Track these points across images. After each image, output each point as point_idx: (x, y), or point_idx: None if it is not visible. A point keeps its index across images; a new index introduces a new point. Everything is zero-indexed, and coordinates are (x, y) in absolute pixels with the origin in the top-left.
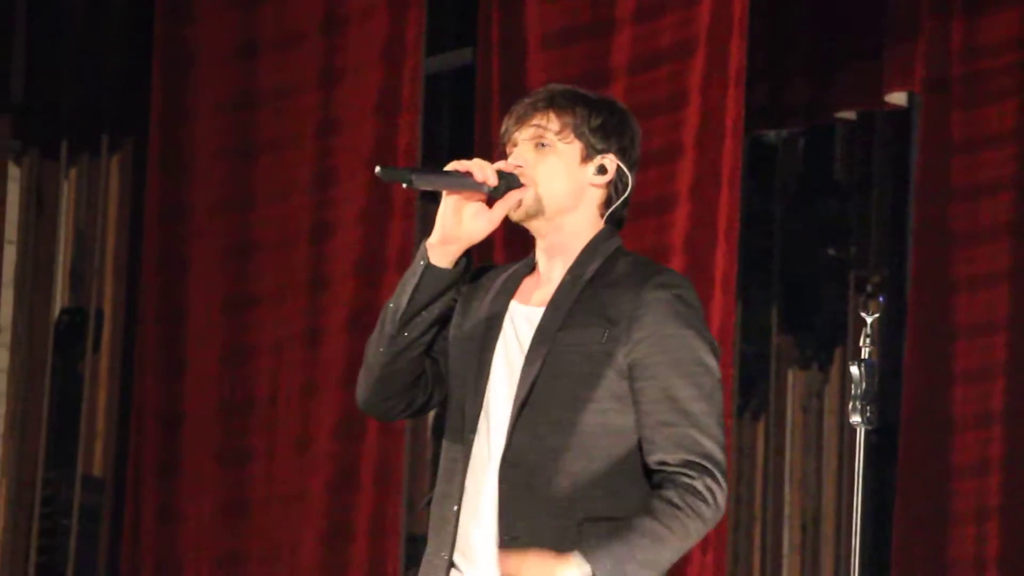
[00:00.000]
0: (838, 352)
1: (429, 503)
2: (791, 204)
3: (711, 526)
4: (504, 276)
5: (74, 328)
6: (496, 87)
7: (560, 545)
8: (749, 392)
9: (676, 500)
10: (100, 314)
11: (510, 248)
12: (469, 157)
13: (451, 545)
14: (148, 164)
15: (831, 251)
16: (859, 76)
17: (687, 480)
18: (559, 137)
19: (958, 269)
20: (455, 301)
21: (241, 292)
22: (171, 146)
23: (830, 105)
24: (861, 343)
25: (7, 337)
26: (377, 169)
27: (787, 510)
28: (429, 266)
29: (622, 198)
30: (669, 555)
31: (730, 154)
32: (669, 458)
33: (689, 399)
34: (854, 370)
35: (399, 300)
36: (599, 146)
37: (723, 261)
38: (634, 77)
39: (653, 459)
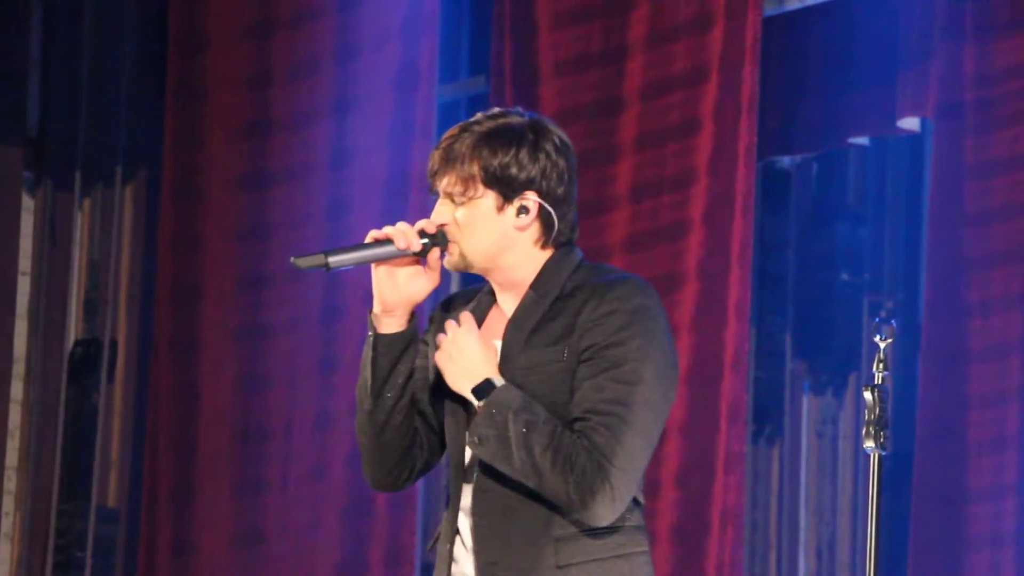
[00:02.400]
0: (852, 377)
1: (436, 543)
2: (804, 229)
3: (571, 501)
4: (469, 310)
5: (88, 359)
6: None
7: (539, 566)
8: (764, 418)
9: (584, 451)
10: (114, 344)
11: None
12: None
13: (447, 570)
14: (161, 194)
15: (844, 276)
16: (872, 102)
17: (589, 457)
18: (468, 195)
19: (971, 294)
20: (417, 354)
21: (254, 321)
22: (184, 176)
23: (843, 131)
24: (875, 368)
25: (21, 368)
26: (291, 260)
27: (802, 536)
28: (378, 336)
29: (556, 227)
30: (533, 456)
31: (743, 180)
32: (585, 423)
33: (615, 402)
34: (868, 395)
35: (364, 375)
36: (514, 187)
37: (737, 287)
38: (647, 104)
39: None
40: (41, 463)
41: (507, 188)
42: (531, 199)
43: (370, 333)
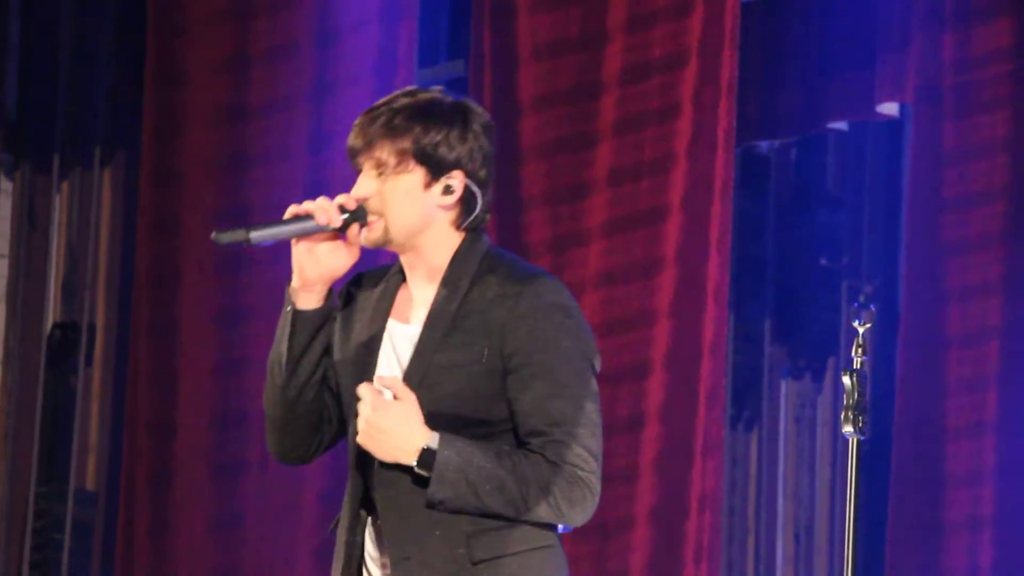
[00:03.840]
0: (831, 362)
1: (336, 528)
2: (783, 214)
3: (561, 516)
4: (378, 291)
5: (66, 342)
6: (488, 99)
7: (454, 562)
8: (741, 402)
9: (545, 465)
10: (92, 328)
11: None
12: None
13: (358, 563)
14: (140, 177)
15: (823, 261)
16: (851, 87)
17: (549, 461)
18: (398, 169)
19: (950, 279)
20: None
21: (234, 305)
22: (163, 159)
23: (822, 116)
24: (853, 353)
25: None
26: (212, 234)
27: (780, 520)
28: (297, 312)
29: (475, 213)
30: (505, 495)
31: (722, 165)
32: (531, 444)
33: (560, 410)
34: (846, 380)
35: (279, 349)
36: (443, 166)
37: (715, 271)
38: (626, 88)
39: (524, 431)
40: (19, 446)
41: (436, 166)
42: (457, 179)
43: (288, 308)
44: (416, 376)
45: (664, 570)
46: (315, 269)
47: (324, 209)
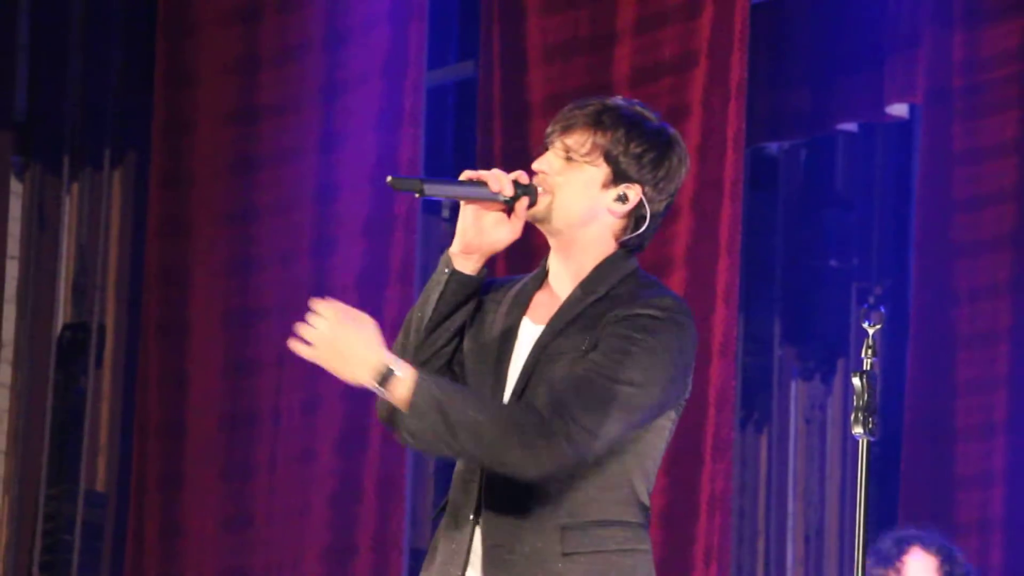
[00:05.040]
0: (840, 363)
1: (441, 512)
2: (793, 216)
3: (527, 457)
4: (515, 290)
5: (76, 343)
6: (498, 100)
7: (543, 551)
8: (752, 404)
9: (537, 412)
10: (102, 329)
11: (510, 259)
12: (472, 170)
13: (465, 556)
14: (150, 178)
15: (833, 262)
16: (861, 88)
17: (544, 412)
18: (587, 159)
19: (960, 280)
20: (475, 314)
21: (243, 306)
22: (173, 160)
23: (832, 117)
24: (863, 354)
25: (9, 352)
26: (389, 178)
27: (790, 522)
28: (454, 272)
29: (640, 231)
30: (477, 430)
31: (732, 166)
32: (552, 389)
33: (600, 390)
34: (856, 381)
35: (424, 309)
36: (628, 175)
37: (725, 273)
38: (635, 90)
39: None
40: (29, 447)
41: (622, 173)
42: (635, 192)
43: (446, 269)
44: (529, 366)
45: (674, 572)
46: (478, 237)
47: (498, 178)
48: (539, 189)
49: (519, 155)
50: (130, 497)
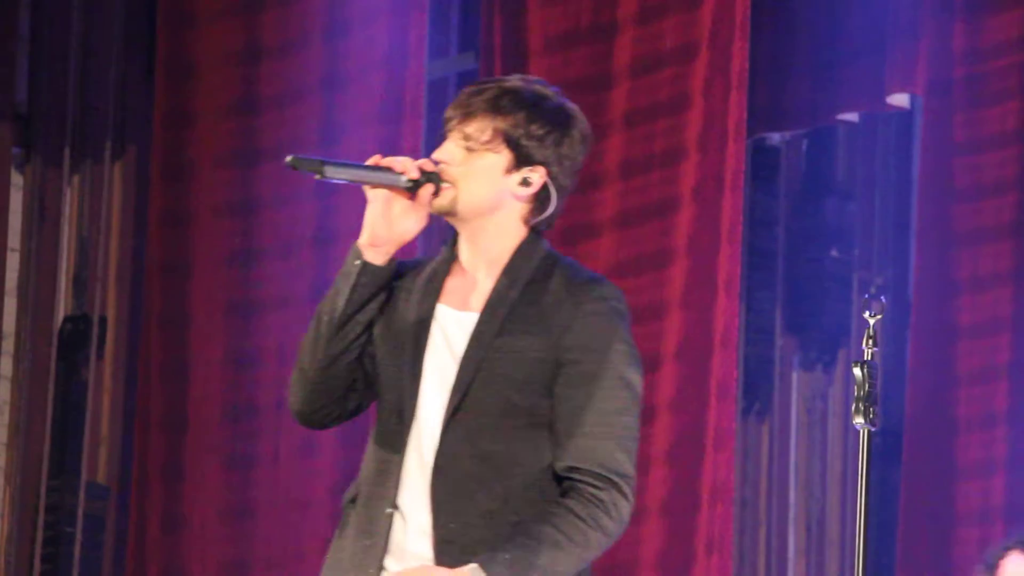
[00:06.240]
0: (842, 354)
1: (353, 501)
2: (794, 206)
3: (613, 539)
4: (425, 275)
5: (77, 335)
6: None
7: (492, 549)
8: (753, 394)
9: (579, 511)
10: (103, 321)
11: None
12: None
13: (383, 548)
14: (151, 170)
15: (834, 253)
16: (861, 78)
17: (593, 491)
18: (488, 146)
19: (961, 270)
20: (385, 302)
21: (244, 297)
22: (174, 152)
23: (833, 107)
24: (864, 345)
25: (10, 344)
26: (288, 158)
27: (792, 512)
28: (365, 264)
29: (546, 214)
30: (566, 565)
31: (733, 156)
32: (579, 465)
33: (608, 412)
34: (857, 372)
35: (335, 302)
36: (531, 158)
37: (726, 263)
38: (636, 80)
39: (563, 465)
40: (30, 439)
41: (524, 156)
42: (539, 174)
43: (357, 261)
44: (474, 360)
45: (676, 562)
46: (387, 228)
47: (402, 163)
48: (440, 177)
49: None
50: (132, 489)
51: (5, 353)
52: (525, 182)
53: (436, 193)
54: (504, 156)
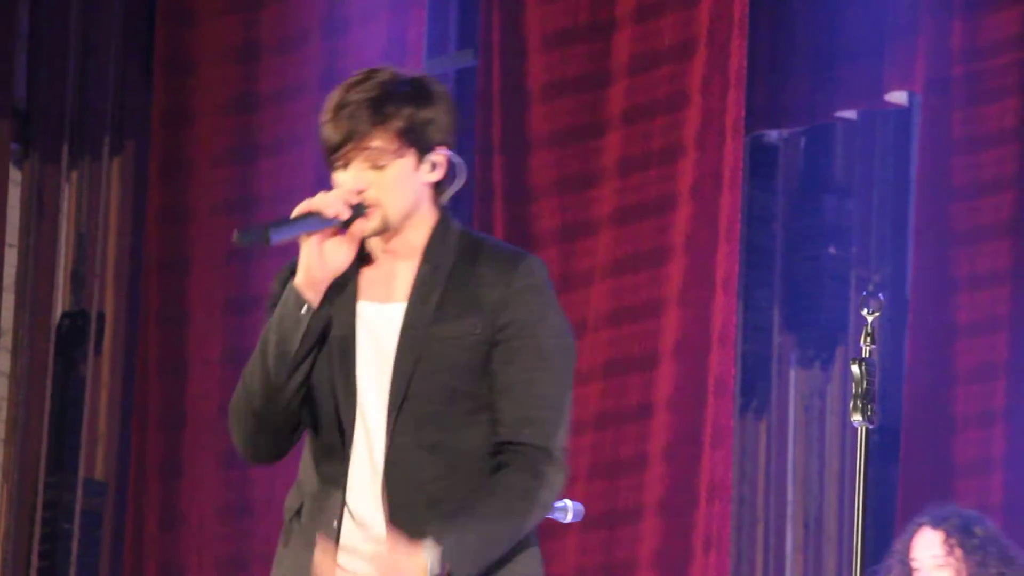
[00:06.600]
0: (839, 351)
1: (298, 514)
2: (792, 204)
3: (548, 508)
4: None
5: (75, 331)
6: (497, 88)
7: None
8: (751, 392)
9: (521, 482)
10: (101, 317)
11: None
12: (469, 158)
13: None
14: (149, 167)
15: (832, 250)
16: (860, 76)
17: (533, 464)
18: (395, 155)
19: (959, 268)
20: None
21: (242, 294)
22: (172, 149)
23: (831, 105)
24: (862, 342)
25: (8, 341)
26: (234, 236)
27: (789, 510)
28: (312, 311)
29: (456, 185)
30: (510, 534)
31: (731, 154)
32: (519, 439)
33: (545, 383)
34: (855, 369)
35: (284, 347)
36: (431, 144)
37: (724, 261)
38: (634, 78)
39: (502, 438)
40: (28, 436)
41: (426, 145)
42: (441, 155)
43: (303, 308)
44: (412, 351)
45: (673, 559)
46: (321, 269)
47: (332, 204)
48: (366, 207)
49: (518, 142)
50: (129, 485)
51: (3, 349)
52: (433, 167)
53: (362, 219)
54: (410, 155)
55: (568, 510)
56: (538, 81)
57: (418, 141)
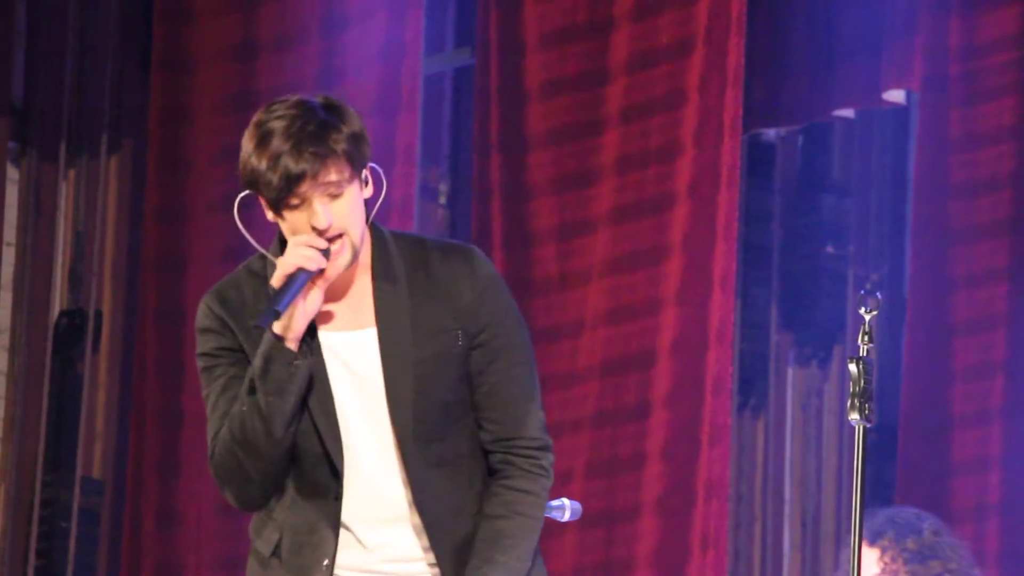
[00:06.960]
0: (837, 350)
1: (275, 553)
2: (790, 202)
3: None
4: (253, 298)
5: (73, 329)
6: (495, 86)
7: (478, 552)
8: (748, 390)
9: (529, 487)
10: (99, 315)
11: (508, 248)
12: (467, 157)
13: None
14: (147, 165)
15: (830, 249)
16: (857, 74)
17: (534, 460)
18: (348, 182)
19: (957, 266)
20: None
21: None
22: (170, 147)
23: (828, 103)
24: (860, 341)
25: (6, 339)
26: (251, 323)
27: (787, 508)
28: (304, 366)
29: (381, 197)
30: (534, 541)
31: (728, 152)
32: (515, 436)
33: (524, 377)
34: (852, 368)
35: (282, 404)
36: (364, 162)
37: (722, 259)
38: (632, 76)
39: (496, 437)
40: (25, 434)
41: (361, 163)
42: (367, 170)
43: (293, 365)
44: (404, 376)
45: (671, 557)
46: (304, 316)
47: (310, 257)
48: (333, 247)
49: (516, 141)
50: (127, 484)
51: (0, 348)
52: (366, 183)
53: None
54: (355, 179)
55: (566, 509)
56: (536, 79)
57: (358, 160)
